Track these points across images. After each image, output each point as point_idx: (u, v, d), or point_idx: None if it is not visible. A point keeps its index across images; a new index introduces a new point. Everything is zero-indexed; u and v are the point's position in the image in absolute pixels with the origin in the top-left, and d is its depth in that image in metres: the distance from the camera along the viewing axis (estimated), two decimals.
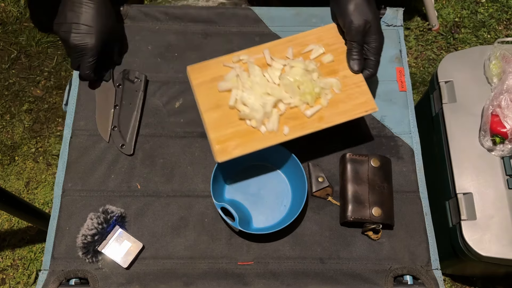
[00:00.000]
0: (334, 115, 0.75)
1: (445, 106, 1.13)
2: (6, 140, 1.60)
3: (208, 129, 0.73)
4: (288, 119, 0.74)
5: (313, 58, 0.78)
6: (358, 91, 0.76)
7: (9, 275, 1.43)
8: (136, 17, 0.91)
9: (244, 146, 0.72)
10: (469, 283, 1.43)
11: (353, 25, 0.74)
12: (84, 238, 0.72)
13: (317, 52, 0.78)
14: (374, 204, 0.76)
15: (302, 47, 0.78)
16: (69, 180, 0.79)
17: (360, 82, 0.77)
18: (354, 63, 0.77)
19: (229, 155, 0.71)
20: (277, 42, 0.78)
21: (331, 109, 0.75)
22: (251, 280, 0.73)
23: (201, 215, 0.78)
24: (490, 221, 1.01)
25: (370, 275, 0.74)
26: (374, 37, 0.75)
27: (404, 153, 0.83)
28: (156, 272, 0.74)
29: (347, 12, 0.75)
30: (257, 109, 0.72)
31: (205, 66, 0.76)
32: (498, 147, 1.04)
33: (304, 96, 0.74)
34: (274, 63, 0.77)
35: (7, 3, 1.80)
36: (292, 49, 0.78)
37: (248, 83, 0.75)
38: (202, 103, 0.74)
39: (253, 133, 0.73)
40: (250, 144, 0.72)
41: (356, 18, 0.74)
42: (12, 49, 1.73)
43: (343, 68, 0.78)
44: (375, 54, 0.76)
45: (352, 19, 0.74)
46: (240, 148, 0.71)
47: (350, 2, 0.75)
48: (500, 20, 1.80)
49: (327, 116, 0.75)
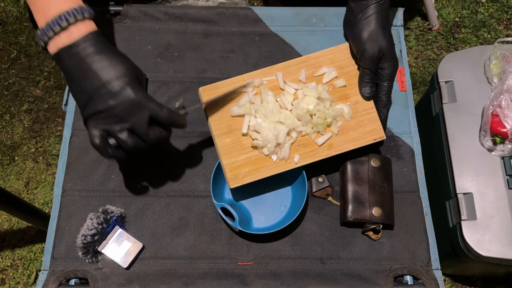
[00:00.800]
0: (344, 142, 0.75)
1: (445, 106, 1.13)
2: (6, 140, 1.60)
3: (221, 154, 0.74)
4: (299, 146, 0.75)
5: (325, 82, 0.77)
6: (368, 118, 0.76)
7: (9, 275, 1.43)
8: (136, 17, 0.91)
9: (255, 174, 0.73)
10: (469, 283, 1.43)
11: (367, 53, 0.72)
12: (84, 238, 0.72)
13: (330, 75, 0.77)
14: (374, 204, 0.76)
15: (315, 69, 0.77)
16: (69, 180, 0.79)
17: (371, 108, 0.77)
18: (366, 90, 0.75)
19: (240, 181, 0.73)
20: (290, 63, 0.77)
21: (341, 136, 0.76)
22: (251, 280, 0.73)
23: (201, 215, 0.78)
24: (490, 221, 1.01)
25: (370, 275, 0.74)
26: (388, 63, 0.74)
27: (404, 153, 0.83)
28: (156, 272, 0.74)
29: (361, 40, 0.73)
30: (270, 139, 0.73)
31: (217, 88, 0.75)
32: (498, 147, 1.04)
33: (316, 126, 0.74)
34: (287, 87, 0.76)
35: (7, 3, 1.79)
36: (305, 71, 0.77)
37: (262, 110, 0.75)
38: (214, 127, 0.74)
39: (264, 161, 0.74)
40: (261, 172, 0.74)
41: (370, 47, 0.72)
42: (12, 49, 1.73)
43: (354, 93, 0.77)
44: (389, 80, 0.75)
45: (366, 48, 0.72)
46: (252, 175, 0.73)
47: (364, 30, 0.73)
48: (500, 20, 1.80)
49: (337, 144, 0.75)
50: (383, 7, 0.74)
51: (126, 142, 0.63)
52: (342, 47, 0.78)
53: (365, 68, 0.74)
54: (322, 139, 0.75)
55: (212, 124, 0.74)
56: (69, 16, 0.61)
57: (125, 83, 0.61)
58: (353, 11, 0.76)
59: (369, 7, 0.73)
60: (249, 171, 0.73)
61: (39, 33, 0.62)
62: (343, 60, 0.78)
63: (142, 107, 0.62)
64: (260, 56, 0.89)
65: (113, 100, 0.61)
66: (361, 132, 0.76)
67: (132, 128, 0.63)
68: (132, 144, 0.63)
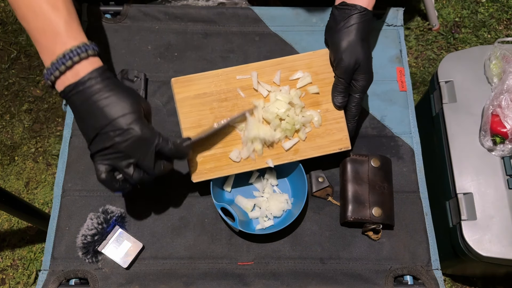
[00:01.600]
0: (310, 149, 0.76)
1: (445, 106, 1.13)
2: (6, 140, 1.60)
3: None
4: (265, 148, 0.75)
5: (299, 87, 0.76)
6: (336, 127, 0.76)
7: (9, 275, 1.43)
8: (136, 16, 0.91)
9: (220, 171, 0.74)
10: (470, 283, 1.43)
11: (343, 63, 0.72)
12: (84, 238, 0.72)
13: (304, 81, 0.76)
14: (374, 204, 0.76)
15: (291, 73, 0.76)
16: (69, 180, 0.79)
17: (340, 118, 0.76)
18: (338, 99, 0.75)
19: (203, 177, 0.73)
20: (265, 64, 0.75)
21: (307, 142, 0.76)
22: (251, 280, 0.73)
23: (201, 215, 0.78)
24: (490, 221, 1.01)
25: (370, 275, 0.74)
26: (362, 76, 0.73)
27: (404, 153, 0.83)
28: (156, 272, 0.74)
29: (339, 48, 0.73)
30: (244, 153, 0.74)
31: (190, 81, 0.74)
32: (498, 147, 1.04)
33: (284, 131, 0.74)
34: (260, 88, 0.75)
35: (7, 3, 1.79)
36: (281, 73, 0.75)
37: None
38: (183, 120, 0.73)
39: (229, 159, 0.74)
40: (226, 169, 0.74)
41: (347, 57, 0.72)
42: (12, 49, 1.73)
43: (326, 101, 0.76)
44: (361, 92, 0.74)
45: (343, 57, 0.72)
46: (216, 172, 0.74)
47: (343, 39, 0.73)
48: (500, 20, 1.80)
49: (303, 149, 0.75)
50: (365, 18, 0.73)
51: (133, 176, 0.64)
52: (321, 52, 0.76)
53: (339, 77, 0.74)
54: (289, 144, 0.75)
55: (181, 117, 0.74)
56: (73, 55, 0.61)
57: (131, 120, 0.62)
58: (335, 19, 0.75)
59: (351, 16, 0.73)
60: (213, 168, 0.74)
61: (46, 73, 0.63)
62: (320, 67, 0.76)
63: (148, 143, 0.63)
64: (260, 56, 0.89)
65: (120, 137, 0.61)
66: (328, 140, 0.76)
67: (138, 164, 0.64)
68: (138, 178, 0.65)
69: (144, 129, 0.62)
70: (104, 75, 0.63)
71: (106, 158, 0.63)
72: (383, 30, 0.93)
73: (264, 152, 0.75)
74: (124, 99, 0.62)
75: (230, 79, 0.75)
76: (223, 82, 0.74)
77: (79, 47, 0.62)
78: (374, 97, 0.87)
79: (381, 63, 0.90)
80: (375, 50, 0.91)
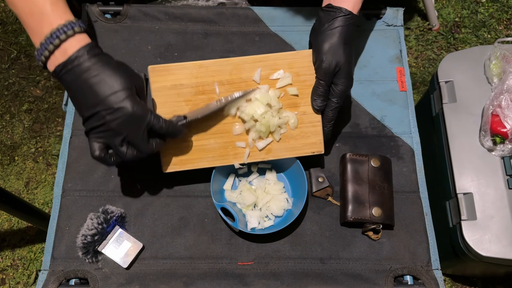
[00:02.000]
0: (283, 150, 0.75)
1: (445, 106, 1.13)
2: (6, 140, 1.60)
3: None
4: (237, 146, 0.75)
5: (278, 87, 0.75)
6: (312, 131, 0.75)
7: (9, 275, 1.43)
8: (136, 17, 0.91)
9: (191, 163, 0.74)
10: (470, 283, 1.43)
11: (324, 65, 0.72)
12: (84, 238, 0.72)
13: (284, 81, 0.75)
14: (374, 204, 0.76)
15: (271, 71, 0.74)
16: (69, 180, 0.79)
17: (317, 122, 0.75)
18: (318, 103, 0.74)
19: (174, 168, 0.74)
20: (247, 59, 0.74)
21: (281, 143, 0.75)
22: (251, 280, 0.73)
23: (201, 215, 0.78)
24: (490, 221, 1.01)
25: (370, 275, 0.74)
26: (342, 80, 0.73)
27: (404, 153, 0.83)
28: (156, 272, 0.74)
29: (321, 50, 0.72)
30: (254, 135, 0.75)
31: (167, 70, 0.72)
32: (498, 147, 1.04)
33: (258, 132, 0.74)
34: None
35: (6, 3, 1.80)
36: (261, 71, 0.74)
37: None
38: (158, 110, 0.73)
39: (201, 152, 0.74)
40: (197, 163, 0.74)
41: (328, 58, 0.72)
42: (12, 49, 1.73)
43: (305, 103, 0.75)
44: (339, 97, 0.74)
45: (324, 59, 0.72)
46: (188, 164, 0.74)
47: (326, 41, 0.72)
48: (500, 20, 1.80)
49: (275, 149, 0.75)
50: (349, 22, 0.73)
51: (126, 155, 0.65)
52: (304, 53, 0.75)
53: (320, 79, 0.73)
54: (262, 143, 0.74)
55: (157, 107, 0.73)
56: (59, 33, 0.62)
57: (122, 98, 0.62)
58: (320, 21, 0.75)
59: (336, 19, 0.73)
60: (185, 159, 0.74)
61: (36, 54, 0.64)
62: (302, 68, 0.75)
63: (140, 121, 0.63)
64: None
65: (111, 116, 0.62)
66: (302, 143, 0.75)
67: (130, 141, 0.65)
68: (130, 155, 0.65)
69: (135, 107, 0.63)
70: (92, 51, 0.63)
71: (99, 136, 0.64)
72: (383, 30, 0.93)
73: (237, 149, 0.75)
74: (114, 76, 0.63)
75: (209, 72, 0.73)
76: (202, 75, 0.73)
77: (65, 25, 0.62)
78: (374, 97, 0.87)
79: (381, 63, 0.90)
80: (375, 50, 0.91)
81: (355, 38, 0.90)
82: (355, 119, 0.86)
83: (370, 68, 0.90)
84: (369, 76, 0.89)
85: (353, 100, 0.87)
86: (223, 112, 0.74)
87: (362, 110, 0.86)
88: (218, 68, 0.73)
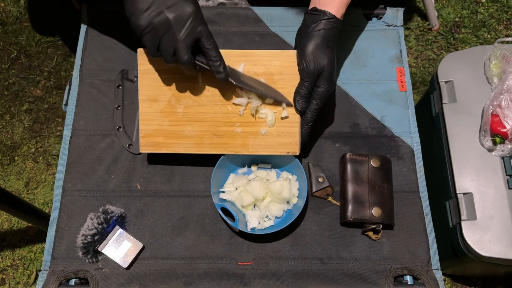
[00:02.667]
0: (258, 146, 0.76)
1: (445, 106, 1.13)
2: (6, 140, 1.60)
3: (140, 119, 0.76)
4: (215, 136, 0.76)
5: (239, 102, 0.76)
6: (289, 131, 0.75)
7: (9, 275, 1.43)
8: None
9: (167, 147, 0.77)
10: (470, 283, 1.43)
11: (307, 66, 0.72)
12: (84, 238, 0.72)
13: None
14: (374, 204, 0.76)
15: (254, 67, 0.75)
16: (69, 180, 0.79)
17: (295, 123, 0.75)
18: (301, 104, 0.74)
19: (151, 149, 0.76)
20: (233, 53, 0.75)
21: (257, 139, 0.76)
22: (251, 280, 0.73)
23: (201, 215, 0.78)
24: (490, 221, 1.01)
25: (370, 275, 0.74)
26: (324, 83, 0.74)
27: (404, 153, 0.83)
28: (156, 272, 0.74)
29: (304, 51, 0.73)
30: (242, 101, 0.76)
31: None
32: (498, 147, 1.04)
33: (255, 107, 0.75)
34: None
35: (7, 3, 1.79)
36: (244, 65, 0.75)
37: None
38: (141, 91, 0.76)
39: (179, 137, 0.76)
40: (173, 147, 0.76)
41: (311, 60, 0.72)
42: (12, 49, 1.73)
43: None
44: (319, 99, 0.74)
45: (308, 59, 0.72)
46: (163, 148, 0.77)
47: (310, 42, 0.73)
48: (500, 20, 1.80)
49: (251, 145, 0.76)
50: (332, 26, 0.74)
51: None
52: (289, 53, 0.75)
53: (304, 80, 0.73)
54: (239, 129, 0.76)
55: (140, 88, 0.75)
56: None
57: None
58: (306, 23, 0.76)
59: (320, 21, 0.74)
60: (162, 143, 0.76)
61: None
62: (286, 67, 0.75)
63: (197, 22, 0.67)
64: None
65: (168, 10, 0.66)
66: (277, 142, 0.76)
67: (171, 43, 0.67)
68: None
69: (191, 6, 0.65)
70: None
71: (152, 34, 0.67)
72: (383, 30, 0.93)
73: (212, 139, 0.76)
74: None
75: None
76: None
77: None
78: (374, 97, 0.87)
79: (381, 63, 0.90)
80: (375, 50, 0.91)
81: (346, 40, 0.91)
82: (355, 119, 0.86)
83: (370, 68, 0.90)
84: (369, 76, 0.89)
85: (353, 100, 0.87)
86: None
87: (362, 110, 0.86)
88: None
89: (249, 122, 0.75)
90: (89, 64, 0.88)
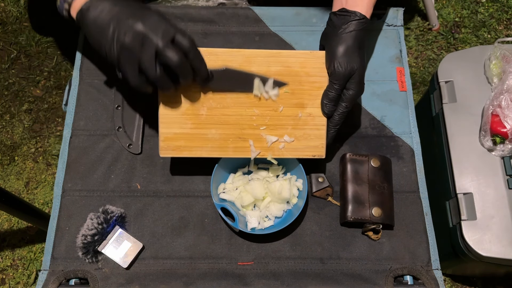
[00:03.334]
0: (283, 149, 0.74)
1: (445, 106, 1.13)
2: (6, 140, 1.60)
3: (161, 122, 0.73)
4: (239, 139, 0.74)
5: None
6: (315, 134, 0.74)
7: (9, 275, 1.43)
8: None
9: (189, 151, 0.74)
10: (470, 283, 1.43)
11: (340, 69, 0.71)
12: (84, 238, 0.72)
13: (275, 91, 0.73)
14: (374, 204, 0.76)
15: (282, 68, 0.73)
16: (69, 180, 0.79)
17: (321, 125, 0.74)
18: (329, 107, 0.72)
19: (172, 153, 0.74)
20: (260, 53, 0.73)
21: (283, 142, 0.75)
22: (251, 280, 0.73)
23: (201, 215, 0.78)
24: (491, 221, 1.01)
25: (370, 275, 0.74)
26: (354, 85, 0.72)
27: (404, 153, 0.83)
28: (156, 272, 0.74)
29: (335, 54, 0.72)
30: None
31: None
32: (498, 147, 1.04)
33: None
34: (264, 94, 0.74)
35: (7, 3, 1.79)
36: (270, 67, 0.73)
37: None
38: (161, 93, 0.72)
39: (201, 141, 0.73)
40: (195, 151, 0.74)
41: (343, 62, 0.71)
42: (12, 49, 1.73)
43: (312, 105, 0.74)
44: (348, 102, 0.73)
45: (340, 62, 0.71)
46: (185, 151, 0.74)
47: (341, 44, 0.72)
48: (500, 20, 1.80)
49: (277, 148, 0.74)
50: (363, 26, 0.73)
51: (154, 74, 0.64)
52: (318, 54, 0.74)
53: (334, 83, 0.72)
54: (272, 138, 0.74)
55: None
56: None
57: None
58: (334, 24, 0.75)
59: (351, 22, 0.73)
60: (183, 146, 0.73)
61: (59, 4, 0.68)
62: (313, 68, 0.73)
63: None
64: None
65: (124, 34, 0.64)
66: (304, 145, 0.74)
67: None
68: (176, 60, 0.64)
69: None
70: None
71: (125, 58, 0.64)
72: (383, 30, 0.93)
73: (237, 143, 0.74)
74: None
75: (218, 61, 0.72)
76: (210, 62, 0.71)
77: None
78: (374, 97, 0.87)
79: (381, 63, 0.90)
80: (375, 50, 0.91)
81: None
82: (355, 119, 0.86)
83: (370, 68, 0.90)
84: (369, 76, 0.89)
85: None
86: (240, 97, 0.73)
87: (362, 110, 0.86)
88: (228, 58, 0.72)
89: (275, 125, 0.74)
90: (89, 64, 0.88)
